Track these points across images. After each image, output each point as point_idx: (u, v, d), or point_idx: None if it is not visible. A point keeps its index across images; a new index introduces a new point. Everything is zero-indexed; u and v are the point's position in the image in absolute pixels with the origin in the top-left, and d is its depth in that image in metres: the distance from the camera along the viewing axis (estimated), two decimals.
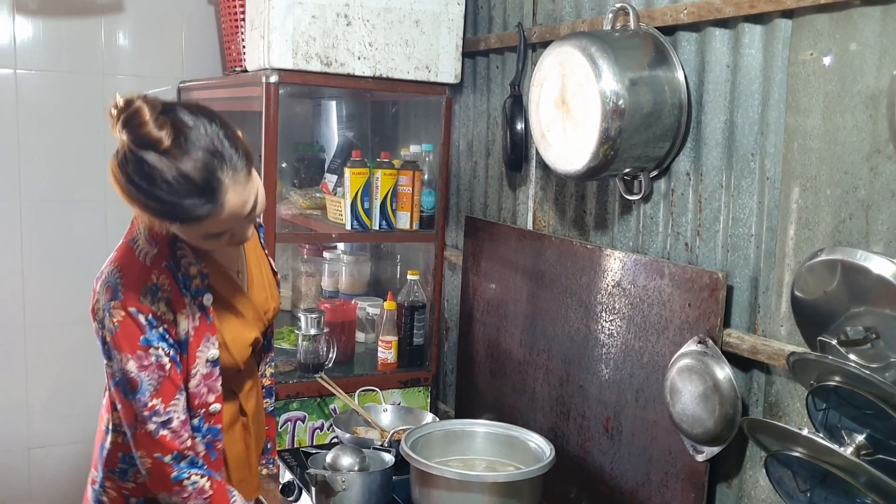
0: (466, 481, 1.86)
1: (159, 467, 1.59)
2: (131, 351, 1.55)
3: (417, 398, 2.75)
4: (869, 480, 1.29)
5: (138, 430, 1.59)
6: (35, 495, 3.15)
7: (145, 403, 1.57)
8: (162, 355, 1.57)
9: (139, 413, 1.57)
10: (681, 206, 1.88)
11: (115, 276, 1.57)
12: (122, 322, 1.55)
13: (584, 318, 2.10)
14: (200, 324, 1.63)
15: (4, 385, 3.06)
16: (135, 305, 1.55)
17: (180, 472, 1.60)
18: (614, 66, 1.77)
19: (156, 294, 1.57)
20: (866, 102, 1.46)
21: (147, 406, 1.57)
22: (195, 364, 1.63)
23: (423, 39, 2.55)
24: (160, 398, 1.58)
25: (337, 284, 3.19)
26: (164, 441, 1.59)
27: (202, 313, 1.63)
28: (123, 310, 1.55)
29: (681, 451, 1.80)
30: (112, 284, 1.57)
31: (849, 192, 1.50)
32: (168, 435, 1.59)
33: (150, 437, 1.58)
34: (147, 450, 1.59)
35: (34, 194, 3.04)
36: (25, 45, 2.97)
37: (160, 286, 1.58)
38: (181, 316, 1.60)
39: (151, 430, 1.58)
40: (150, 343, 1.56)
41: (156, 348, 1.56)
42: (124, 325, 1.55)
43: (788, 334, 1.63)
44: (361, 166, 2.65)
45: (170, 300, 1.58)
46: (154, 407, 1.57)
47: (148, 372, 1.56)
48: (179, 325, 1.60)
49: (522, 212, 2.44)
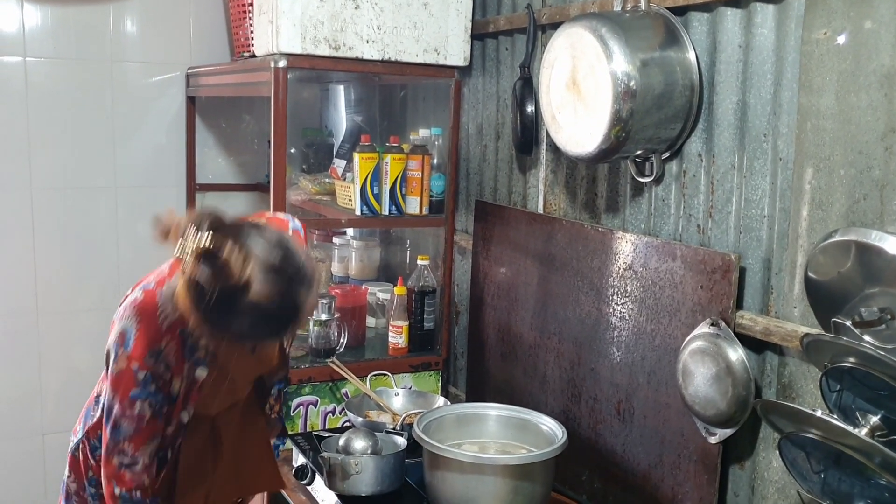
0: (479, 464, 1.87)
1: (110, 493, 1.72)
2: (121, 398, 1.67)
3: (428, 382, 2.75)
4: (883, 461, 1.29)
5: (106, 457, 1.71)
6: (49, 481, 3.18)
7: (118, 442, 1.69)
8: (146, 409, 1.68)
9: (110, 445, 1.70)
10: (693, 188, 1.87)
11: (132, 327, 1.67)
12: (121, 371, 1.66)
13: (596, 302, 2.09)
14: (187, 390, 1.74)
15: (18, 372, 3.08)
16: (138, 362, 1.66)
17: None
18: (625, 48, 1.76)
19: (159, 357, 1.67)
20: (881, 81, 1.44)
21: (119, 445, 1.69)
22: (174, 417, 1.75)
23: (431, 22, 2.54)
24: (132, 444, 1.69)
25: (347, 270, 3.19)
26: (124, 477, 1.70)
27: (191, 381, 1.73)
28: (127, 362, 1.66)
29: (693, 433, 1.80)
30: (126, 332, 1.67)
31: (863, 172, 1.49)
32: (128, 475, 1.70)
33: (114, 469, 1.70)
34: (108, 475, 1.71)
35: (45, 182, 3.04)
36: (34, 32, 2.97)
37: (166, 353, 1.67)
38: (177, 379, 1.71)
39: (115, 464, 1.70)
40: (137, 398, 1.67)
41: (143, 401, 1.67)
42: (122, 374, 1.66)
43: (802, 316, 1.62)
44: (370, 151, 2.64)
45: (170, 365, 1.69)
46: (124, 449, 1.69)
47: (128, 420, 1.68)
48: (173, 385, 1.71)
49: (533, 195, 2.43)
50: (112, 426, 1.69)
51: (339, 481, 2.02)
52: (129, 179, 3.14)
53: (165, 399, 1.71)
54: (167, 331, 1.66)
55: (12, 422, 3.10)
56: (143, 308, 1.68)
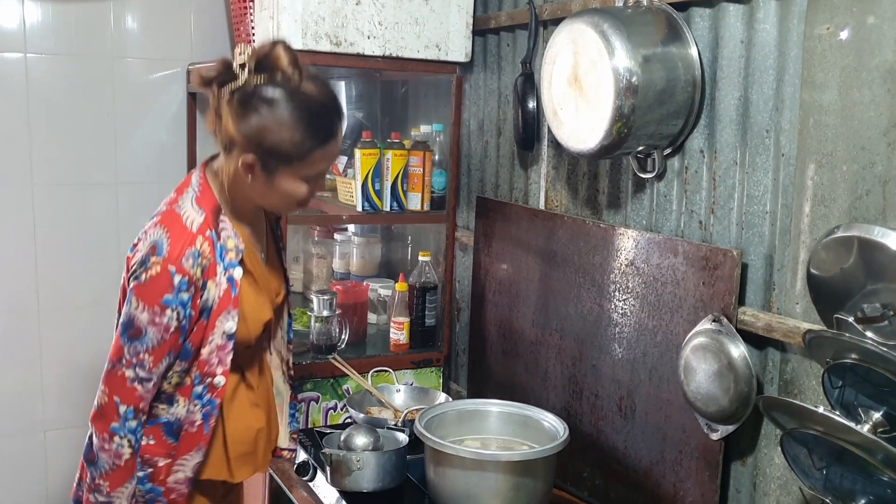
0: (481, 460, 1.87)
1: (110, 410, 1.65)
2: (150, 304, 1.61)
3: (430, 378, 2.75)
4: (886, 457, 1.28)
5: (115, 369, 1.64)
6: (51, 477, 3.18)
7: (138, 352, 1.63)
8: (174, 318, 1.63)
9: (127, 357, 1.63)
10: (695, 184, 1.87)
11: (163, 236, 1.63)
12: (155, 276, 1.60)
13: (597, 298, 2.09)
14: (225, 295, 1.68)
15: (19, 368, 3.08)
16: (175, 265, 1.61)
17: (120, 428, 1.66)
18: (627, 43, 1.76)
19: (196, 259, 1.63)
20: (884, 77, 1.44)
21: (138, 356, 1.63)
22: (212, 333, 1.69)
23: (432, 17, 2.53)
24: (153, 356, 1.64)
25: (348, 266, 3.19)
26: (132, 392, 1.65)
27: (229, 285, 1.69)
28: (162, 266, 1.60)
29: (695, 429, 1.80)
30: (158, 242, 1.62)
31: (866, 168, 1.48)
32: (139, 390, 1.65)
33: (123, 382, 1.64)
34: (111, 389, 1.65)
35: (46, 178, 3.04)
36: (35, 28, 2.96)
37: (202, 252, 1.63)
38: (211, 283, 1.66)
39: (129, 376, 1.64)
40: (169, 304, 1.61)
41: (173, 310, 1.62)
42: (156, 279, 1.60)
43: (804, 312, 1.62)
44: (372, 147, 2.64)
45: (206, 266, 1.64)
46: (142, 360, 1.63)
47: (155, 329, 1.62)
48: (209, 291, 1.66)
49: (534, 191, 2.43)
50: (133, 336, 1.62)
51: (340, 478, 2.02)
52: (130, 176, 3.13)
53: (192, 316, 1.65)
54: (198, 231, 1.64)
55: (13, 418, 3.10)
56: (168, 219, 1.66)
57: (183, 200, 1.68)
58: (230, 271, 1.68)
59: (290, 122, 1.59)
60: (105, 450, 1.67)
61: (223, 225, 1.69)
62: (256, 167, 1.62)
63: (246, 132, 1.59)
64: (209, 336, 1.69)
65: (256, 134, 1.59)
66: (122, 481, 1.68)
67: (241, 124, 1.58)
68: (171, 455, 1.74)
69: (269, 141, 1.59)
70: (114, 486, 1.68)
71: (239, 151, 1.62)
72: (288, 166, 1.63)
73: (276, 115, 1.58)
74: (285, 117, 1.59)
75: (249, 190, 1.69)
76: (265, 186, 1.66)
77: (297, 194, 1.69)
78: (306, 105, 1.61)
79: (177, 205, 1.68)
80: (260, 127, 1.58)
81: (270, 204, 1.76)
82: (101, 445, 1.67)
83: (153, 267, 1.61)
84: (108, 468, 1.67)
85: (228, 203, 1.73)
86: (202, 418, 1.73)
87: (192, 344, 1.69)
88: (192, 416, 1.72)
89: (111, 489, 1.68)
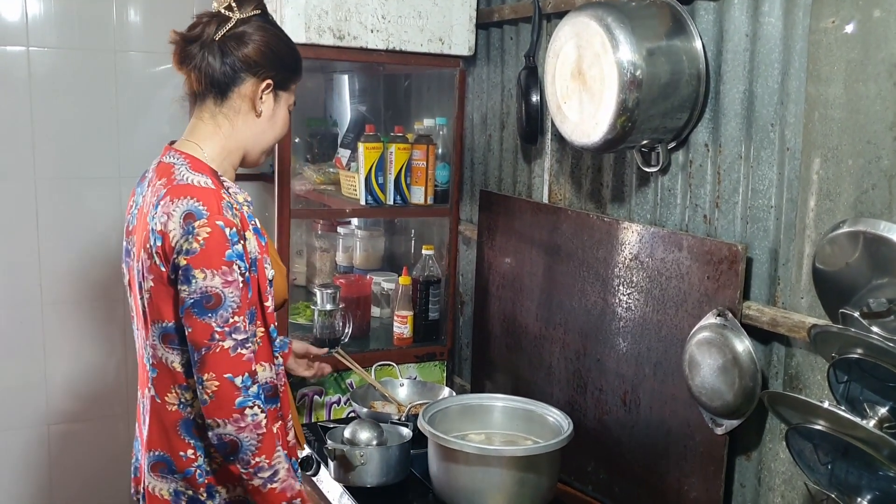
0: (485, 455, 1.87)
1: (227, 390, 1.56)
2: (217, 266, 1.56)
3: (433, 372, 2.75)
4: (892, 453, 1.28)
5: (212, 350, 1.56)
6: (54, 471, 3.19)
7: (227, 319, 1.56)
8: (239, 273, 1.58)
9: (218, 330, 1.56)
10: (699, 178, 1.86)
11: (191, 202, 1.58)
12: (208, 238, 1.55)
13: (601, 292, 2.08)
14: (259, 246, 1.69)
15: (22, 362, 3.09)
16: (221, 219, 1.57)
17: (246, 399, 1.57)
18: (631, 37, 1.75)
19: (231, 209, 1.61)
20: (890, 70, 1.43)
21: (229, 322, 1.56)
22: (267, 284, 1.69)
23: (436, 11, 2.53)
24: (241, 316, 1.58)
25: (351, 260, 3.19)
26: (240, 360, 1.57)
27: (256, 235, 1.69)
28: (211, 225, 1.56)
29: (700, 424, 1.79)
30: (191, 209, 1.57)
31: (871, 162, 1.47)
32: (245, 354, 1.58)
33: (226, 356, 1.56)
34: (218, 370, 1.56)
35: (48, 172, 3.04)
36: (37, 22, 2.96)
37: (231, 204, 1.62)
38: (248, 233, 1.65)
39: (229, 346, 1.56)
40: (232, 259, 1.57)
41: (237, 263, 1.58)
42: (211, 239, 1.55)
43: (809, 306, 1.61)
44: (375, 141, 2.64)
45: (240, 218, 1.63)
46: (236, 324, 1.57)
47: (232, 288, 1.57)
48: (249, 242, 1.64)
49: (538, 185, 2.42)
50: (214, 307, 1.55)
51: (344, 472, 2.02)
52: (134, 169, 3.11)
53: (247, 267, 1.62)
54: (217, 188, 1.63)
55: (17, 412, 3.10)
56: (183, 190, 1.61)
57: (179, 173, 1.64)
58: (253, 221, 1.70)
59: (285, 38, 1.77)
60: (243, 428, 1.57)
61: (226, 182, 1.70)
62: (270, 91, 1.74)
63: (259, 58, 1.70)
64: (266, 288, 1.68)
65: (265, 54, 1.70)
66: (273, 447, 1.62)
67: (252, 52, 1.69)
68: (279, 417, 1.73)
69: (278, 56, 1.73)
70: (270, 454, 1.61)
71: (253, 81, 1.71)
72: (292, 82, 1.79)
73: (273, 34, 1.74)
74: (280, 34, 1.76)
75: (253, 128, 1.76)
76: (270, 117, 1.76)
77: (287, 124, 1.82)
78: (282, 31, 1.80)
79: (175, 180, 1.63)
80: (266, 47, 1.70)
81: (266, 141, 1.80)
82: (238, 427, 1.57)
83: (201, 231, 1.55)
84: (256, 443, 1.59)
85: (220, 163, 1.75)
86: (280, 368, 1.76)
87: (251, 304, 1.65)
88: (279, 370, 1.74)
89: (270, 459, 1.61)
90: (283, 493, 1.63)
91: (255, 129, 1.76)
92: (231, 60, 1.68)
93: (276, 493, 1.62)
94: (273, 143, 1.84)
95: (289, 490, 1.64)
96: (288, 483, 1.64)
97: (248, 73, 1.70)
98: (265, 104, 1.74)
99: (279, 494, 1.63)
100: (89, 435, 3.22)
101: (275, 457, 1.62)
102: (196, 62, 1.68)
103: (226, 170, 1.76)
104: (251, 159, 1.82)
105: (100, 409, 3.23)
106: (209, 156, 1.72)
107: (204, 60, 1.68)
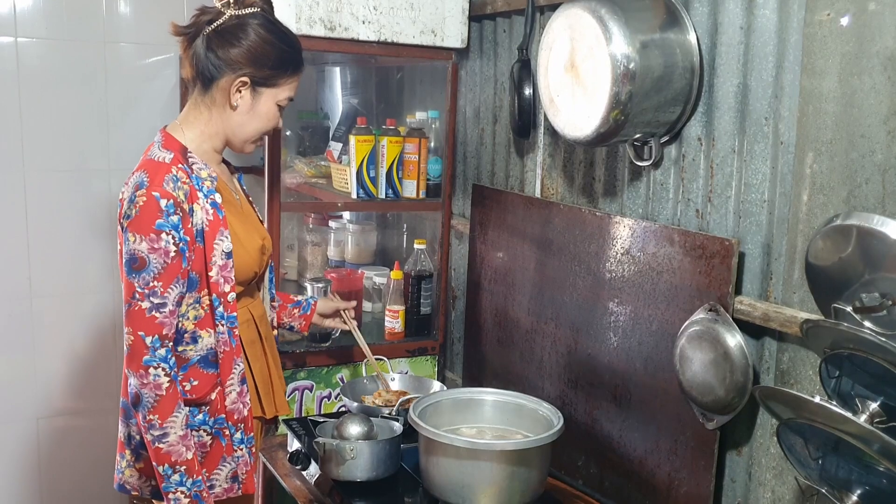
0: (475, 449, 1.86)
1: (137, 346, 1.73)
2: (145, 232, 1.71)
3: (425, 367, 2.74)
4: (882, 448, 1.28)
5: (132, 307, 1.73)
6: (43, 464, 3.17)
7: (147, 282, 1.72)
8: (170, 242, 1.73)
9: (139, 290, 1.72)
10: (692, 172, 1.85)
11: (142, 175, 1.76)
12: (143, 206, 1.72)
13: (593, 286, 2.08)
14: (214, 219, 1.81)
15: (12, 355, 3.07)
16: (158, 190, 1.72)
17: (152, 359, 1.73)
18: (625, 29, 1.74)
19: (176, 183, 1.75)
20: (884, 64, 1.42)
21: (149, 285, 1.72)
22: (213, 254, 1.81)
23: (428, 3, 2.51)
24: (161, 281, 1.73)
25: (343, 254, 3.17)
26: (153, 322, 1.73)
27: (214, 209, 1.81)
28: (147, 194, 1.72)
29: (691, 418, 1.79)
30: (139, 181, 1.75)
31: (865, 156, 1.47)
32: (158, 317, 1.73)
33: (142, 315, 1.72)
34: (134, 326, 1.73)
35: (37, 164, 3.02)
36: (26, 12, 2.94)
37: (179, 178, 1.77)
38: (196, 206, 1.78)
39: (146, 307, 1.72)
40: (162, 228, 1.72)
41: (167, 233, 1.72)
42: (145, 207, 1.71)
43: (801, 301, 1.61)
44: (367, 134, 2.62)
45: (188, 192, 1.77)
46: (153, 288, 1.72)
47: (157, 255, 1.72)
48: (196, 215, 1.78)
49: (530, 179, 2.41)
50: (138, 269, 1.72)
51: (334, 467, 2.01)
52: (124, 161, 3.11)
53: (188, 241, 1.76)
54: (171, 163, 1.78)
55: (6, 405, 3.08)
56: (144, 164, 1.79)
57: (152, 152, 1.83)
58: (211, 197, 1.82)
59: (273, 41, 1.84)
60: (145, 385, 1.73)
61: (193, 159, 1.83)
62: (247, 87, 1.84)
63: (238, 55, 1.81)
64: (211, 258, 1.80)
65: (247, 53, 1.81)
66: (170, 410, 1.74)
67: (232, 49, 1.81)
68: (217, 384, 1.85)
69: (260, 55, 1.82)
70: (163, 416, 1.74)
71: (229, 77, 1.82)
72: (278, 80, 1.86)
73: (261, 33, 1.83)
74: (272, 34, 1.84)
75: (229, 120, 1.87)
76: (248, 110, 1.86)
77: (274, 118, 1.91)
78: (282, 30, 1.89)
79: (147, 155, 1.83)
80: (248, 46, 1.81)
81: (246, 133, 1.90)
82: (141, 383, 1.73)
83: (139, 199, 1.72)
84: (153, 402, 1.73)
85: (198, 144, 1.88)
86: (229, 335, 1.84)
87: (196, 272, 1.79)
88: (221, 337, 1.84)
89: (162, 420, 1.74)
90: (168, 455, 1.76)
91: (232, 121, 1.88)
92: (212, 55, 1.82)
93: (162, 453, 1.75)
94: (258, 135, 1.94)
95: (174, 455, 1.76)
96: (175, 448, 1.76)
97: (226, 68, 1.82)
98: (243, 99, 1.85)
99: (164, 455, 1.76)
100: (79, 428, 3.20)
101: (168, 420, 1.74)
102: (191, 51, 1.85)
103: (205, 151, 1.90)
104: (235, 146, 1.95)
105: (90, 402, 3.21)
106: (189, 137, 1.88)
107: (194, 51, 1.85)
